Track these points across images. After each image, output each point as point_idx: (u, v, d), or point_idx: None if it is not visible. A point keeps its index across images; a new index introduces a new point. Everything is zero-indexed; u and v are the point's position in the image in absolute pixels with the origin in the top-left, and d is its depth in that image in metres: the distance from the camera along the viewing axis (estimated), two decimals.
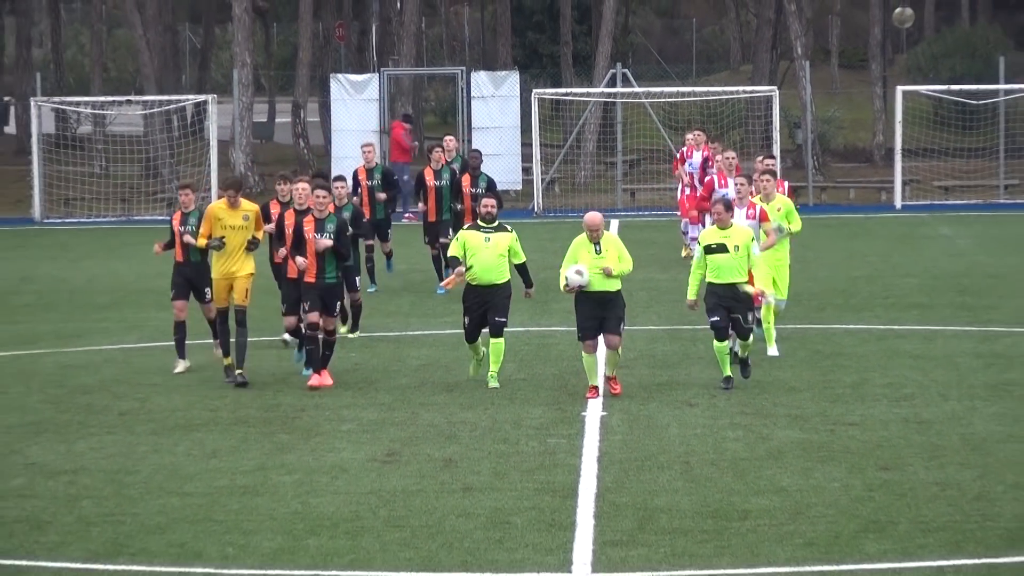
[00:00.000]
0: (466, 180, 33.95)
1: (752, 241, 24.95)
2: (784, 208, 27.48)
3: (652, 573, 16.72)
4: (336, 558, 17.39)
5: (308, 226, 25.12)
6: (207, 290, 26.31)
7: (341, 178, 30.19)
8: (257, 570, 17.05)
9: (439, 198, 33.95)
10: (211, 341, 27.10)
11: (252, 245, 25.86)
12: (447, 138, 35.17)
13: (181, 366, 26.65)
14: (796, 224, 27.73)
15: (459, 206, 33.77)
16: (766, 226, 26.33)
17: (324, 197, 25.50)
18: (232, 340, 25.92)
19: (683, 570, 16.79)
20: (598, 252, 24.28)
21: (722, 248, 24.71)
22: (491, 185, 33.47)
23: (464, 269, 25.09)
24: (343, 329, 28.18)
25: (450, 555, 17.45)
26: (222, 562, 17.33)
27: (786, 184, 30.02)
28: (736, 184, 26.98)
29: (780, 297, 27.30)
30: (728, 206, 25.23)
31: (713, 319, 24.70)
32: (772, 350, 27.04)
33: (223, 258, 25.75)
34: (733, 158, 31.22)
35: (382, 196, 34.11)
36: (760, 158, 30.96)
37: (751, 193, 27.69)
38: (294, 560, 17.35)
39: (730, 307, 24.67)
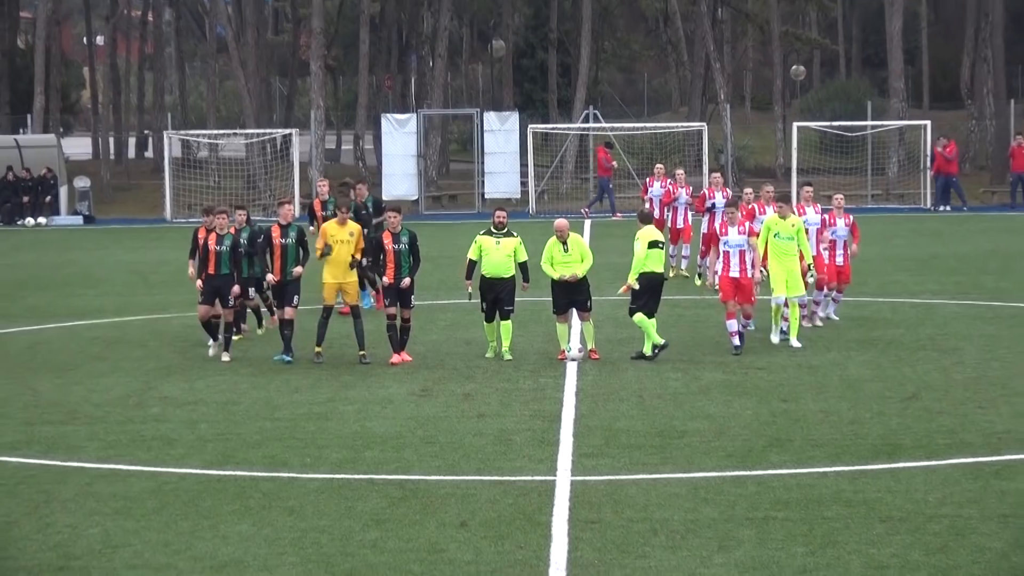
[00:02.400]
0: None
1: (635, 242, 23.92)
2: (796, 225, 25.31)
3: (615, 476, 16.71)
4: (385, 466, 17.39)
5: (387, 239, 24.02)
6: (230, 298, 24.55)
7: (242, 207, 26.40)
8: (328, 475, 17.02)
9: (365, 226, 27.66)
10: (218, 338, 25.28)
11: (355, 263, 24.31)
12: (359, 185, 30.61)
13: (213, 348, 24.89)
14: (806, 249, 25.28)
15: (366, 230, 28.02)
16: (752, 240, 24.80)
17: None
18: (329, 330, 25.13)
19: (638, 475, 16.78)
20: (566, 250, 23.99)
21: (656, 244, 24.16)
22: (377, 204, 30.14)
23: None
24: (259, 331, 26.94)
25: (468, 463, 17.45)
26: (302, 468, 17.33)
27: (851, 217, 28.09)
28: (726, 210, 25.42)
29: (800, 294, 25.16)
30: (639, 216, 24.76)
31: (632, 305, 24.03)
32: (776, 336, 25.03)
33: (333, 267, 24.29)
34: (771, 192, 28.60)
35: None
36: (766, 188, 29.02)
37: (760, 211, 26.89)
38: (355, 467, 17.35)
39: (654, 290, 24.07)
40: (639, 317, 23.79)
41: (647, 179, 37.41)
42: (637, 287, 23.84)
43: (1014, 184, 57.77)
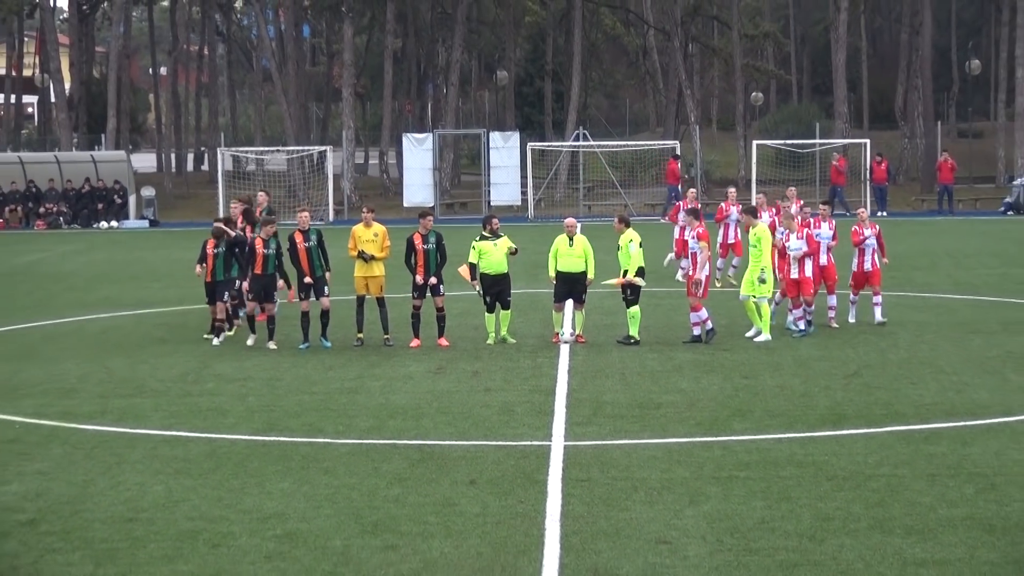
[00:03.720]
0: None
1: (629, 243, 23.80)
2: (758, 234, 24.08)
3: (602, 441, 16.70)
4: (406, 432, 17.38)
5: (418, 240, 23.85)
6: (275, 293, 24.32)
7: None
8: (357, 440, 17.02)
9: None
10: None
11: (363, 256, 24.05)
12: (260, 193, 28.77)
13: (251, 340, 24.33)
14: (766, 255, 24.06)
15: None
16: (701, 244, 23.88)
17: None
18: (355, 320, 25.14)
19: (621, 440, 16.76)
20: (571, 245, 24.10)
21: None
22: (270, 211, 27.44)
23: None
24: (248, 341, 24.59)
25: (477, 430, 17.44)
26: (336, 435, 17.32)
27: (877, 226, 26.27)
28: (685, 218, 24.65)
29: (765, 295, 24.00)
30: (620, 219, 24.32)
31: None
32: (762, 334, 23.95)
33: (361, 264, 24.11)
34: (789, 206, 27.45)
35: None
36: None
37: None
38: (380, 434, 17.35)
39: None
40: (634, 308, 23.77)
41: (680, 202, 34.71)
42: (643, 283, 23.86)
43: (940, 193, 57.84)
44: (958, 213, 56.98)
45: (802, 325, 24.72)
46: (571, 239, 24.04)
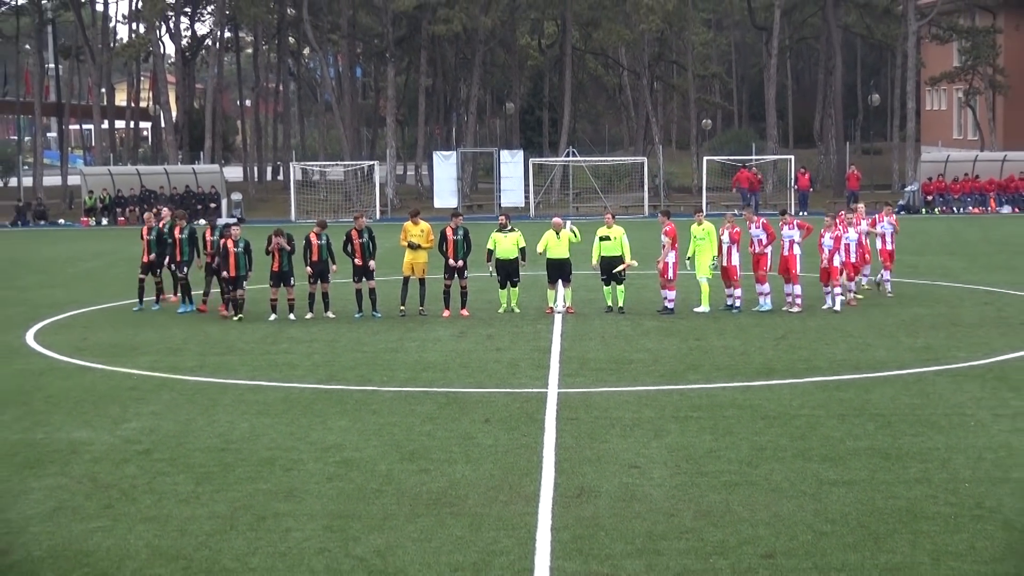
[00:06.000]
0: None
1: (622, 235, 23.74)
2: (707, 229, 23.77)
3: (587, 389, 16.70)
4: (435, 382, 17.38)
5: (450, 232, 23.79)
6: (329, 274, 23.95)
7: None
8: (397, 388, 17.03)
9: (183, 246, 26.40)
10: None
11: (411, 245, 23.86)
12: (164, 209, 27.70)
13: (309, 315, 23.84)
14: (712, 246, 23.56)
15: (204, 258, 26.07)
16: (666, 240, 23.53)
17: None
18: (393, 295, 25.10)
19: (601, 388, 16.76)
20: (558, 237, 24.07)
21: (607, 238, 23.94)
22: (191, 234, 26.72)
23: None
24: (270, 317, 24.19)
25: (491, 380, 17.45)
26: (381, 383, 17.34)
27: (870, 221, 24.99)
28: (659, 217, 24.33)
29: (706, 275, 23.67)
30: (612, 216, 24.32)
31: (603, 277, 24.12)
32: (702, 307, 23.71)
33: (410, 251, 23.94)
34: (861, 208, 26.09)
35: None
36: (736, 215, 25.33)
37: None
38: (415, 383, 17.35)
39: (610, 268, 23.84)
40: (621, 286, 23.85)
41: (842, 218, 25.59)
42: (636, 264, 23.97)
43: (848, 198, 57.57)
44: None
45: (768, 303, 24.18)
46: (557, 233, 24.04)
